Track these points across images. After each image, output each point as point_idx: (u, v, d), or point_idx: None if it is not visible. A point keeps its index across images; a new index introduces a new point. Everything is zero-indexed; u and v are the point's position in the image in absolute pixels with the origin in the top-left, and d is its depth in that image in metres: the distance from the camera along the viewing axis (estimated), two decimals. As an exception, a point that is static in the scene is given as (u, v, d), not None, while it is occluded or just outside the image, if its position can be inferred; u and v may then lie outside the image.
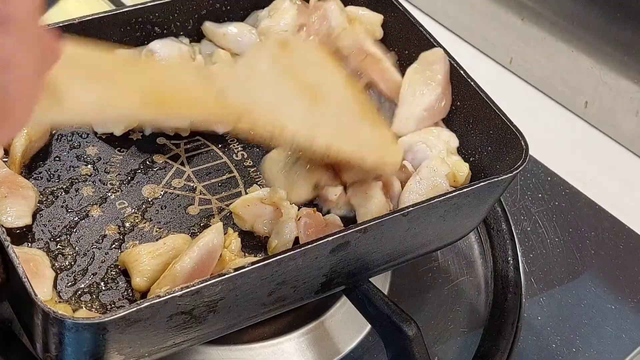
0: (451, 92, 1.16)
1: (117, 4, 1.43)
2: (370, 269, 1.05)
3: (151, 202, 1.10)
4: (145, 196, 1.11)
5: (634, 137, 1.43)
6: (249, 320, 1.00)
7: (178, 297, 0.87)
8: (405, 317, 1.03)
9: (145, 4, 1.18)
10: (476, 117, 1.14)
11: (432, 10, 1.61)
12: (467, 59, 1.20)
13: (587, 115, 1.48)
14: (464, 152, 1.16)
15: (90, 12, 1.15)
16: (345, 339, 1.13)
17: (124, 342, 0.89)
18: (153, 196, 1.11)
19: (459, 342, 1.15)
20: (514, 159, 1.06)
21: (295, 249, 0.94)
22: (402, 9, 1.22)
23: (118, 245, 1.04)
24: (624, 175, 1.42)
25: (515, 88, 1.53)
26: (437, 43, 1.18)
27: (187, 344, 0.95)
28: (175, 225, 1.08)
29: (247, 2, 1.25)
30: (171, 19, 1.20)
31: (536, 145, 1.13)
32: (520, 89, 1.53)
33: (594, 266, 1.26)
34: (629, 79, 1.40)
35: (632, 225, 1.31)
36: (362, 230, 0.97)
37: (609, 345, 1.17)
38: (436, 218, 1.04)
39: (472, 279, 1.22)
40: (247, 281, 0.92)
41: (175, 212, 1.10)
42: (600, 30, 1.41)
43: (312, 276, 0.98)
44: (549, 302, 1.21)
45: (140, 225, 1.07)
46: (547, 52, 1.49)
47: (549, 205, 1.32)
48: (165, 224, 1.08)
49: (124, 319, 0.85)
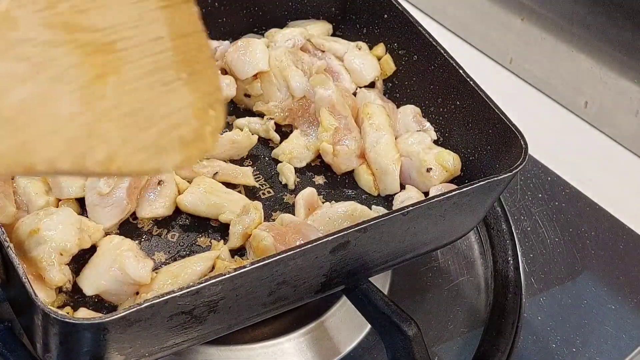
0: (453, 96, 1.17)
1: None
2: (370, 268, 1.05)
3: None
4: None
5: (634, 137, 1.43)
6: (250, 320, 1.01)
7: (178, 297, 0.87)
8: (405, 317, 1.03)
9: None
10: (476, 117, 1.14)
11: (432, 10, 1.61)
12: (467, 59, 1.20)
13: (587, 115, 1.48)
14: (463, 150, 1.16)
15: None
16: (345, 339, 1.13)
17: (124, 342, 0.89)
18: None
19: (459, 342, 1.15)
20: (514, 158, 1.06)
21: (295, 249, 0.94)
22: (401, 8, 1.22)
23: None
24: (624, 175, 1.42)
25: (515, 88, 1.53)
26: (436, 43, 1.18)
27: (187, 344, 0.95)
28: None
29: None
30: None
31: (536, 145, 1.13)
32: (520, 89, 1.53)
33: (594, 266, 1.26)
34: (629, 79, 1.40)
35: (632, 225, 1.31)
36: (362, 229, 0.96)
37: (609, 345, 1.17)
38: (436, 217, 1.04)
39: (472, 279, 1.22)
40: (247, 281, 0.92)
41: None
42: (600, 30, 1.41)
43: (312, 276, 0.98)
44: (549, 302, 1.21)
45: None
46: (547, 52, 1.49)
47: (549, 205, 1.32)
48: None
49: (124, 319, 0.85)
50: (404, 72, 1.25)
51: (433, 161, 1.14)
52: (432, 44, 1.18)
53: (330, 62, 1.25)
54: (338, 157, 1.16)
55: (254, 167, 1.16)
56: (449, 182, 1.15)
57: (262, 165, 1.17)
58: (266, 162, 1.18)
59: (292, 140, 1.18)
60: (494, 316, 1.15)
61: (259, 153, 1.18)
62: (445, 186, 1.12)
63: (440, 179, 1.14)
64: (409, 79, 1.24)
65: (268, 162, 1.18)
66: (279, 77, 1.20)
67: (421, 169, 1.14)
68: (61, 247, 0.97)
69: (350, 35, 1.30)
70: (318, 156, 1.18)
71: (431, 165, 1.14)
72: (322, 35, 1.28)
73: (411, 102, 1.23)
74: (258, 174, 1.16)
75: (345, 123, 1.17)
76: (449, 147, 1.17)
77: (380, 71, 1.26)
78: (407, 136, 1.18)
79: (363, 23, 1.28)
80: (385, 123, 1.17)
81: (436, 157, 1.14)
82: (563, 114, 1.50)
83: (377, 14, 1.26)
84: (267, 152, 1.19)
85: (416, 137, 1.17)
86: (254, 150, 1.17)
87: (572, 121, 1.49)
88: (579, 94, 1.48)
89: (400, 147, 1.16)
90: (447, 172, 1.14)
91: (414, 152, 1.15)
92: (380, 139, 1.16)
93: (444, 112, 1.19)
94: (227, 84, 1.20)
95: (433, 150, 1.16)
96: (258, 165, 1.17)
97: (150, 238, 1.07)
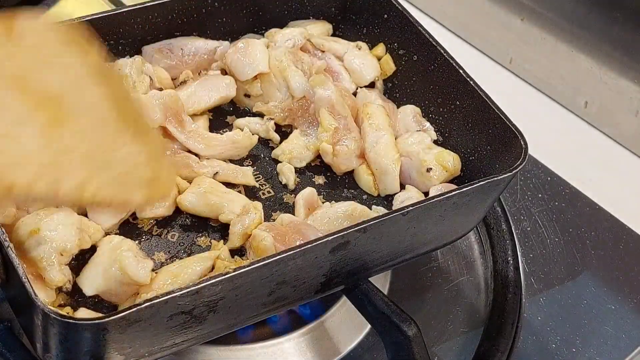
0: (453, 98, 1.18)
1: (117, 4, 1.43)
2: (370, 268, 1.05)
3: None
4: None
5: (634, 137, 1.43)
6: (250, 320, 1.01)
7: (178, 297, 0.87)
8: (405, 317, 1.03)
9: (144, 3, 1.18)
10: (475, 117, 1.14)
11: (432, 10, 1.61)
12: (467, 59, 1.20)
13: (587, 115, 1.48)
14: (463, 151, 1.16)
15: (90, 12, 1.16)
16: (345, 339, 1.13)
17: (124, 342, 0.89)
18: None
19: (459, 342, 1.15)
20: (514, 159, 1.06)
21: (295, 249, 0.94)
22: (401, 8, 1.22)
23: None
24: (624, 175, 1.42)
25: (515, 88, 1.53)
26: (436, 43, 1.18)
27: (187, 343, 0.95)
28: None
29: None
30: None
31: (536, 145, 1.13)
32: (520, 89, 1.53)
33: (594, 266, 1.26)
34: (629, 79, 1.40)
35: (632, 225, 1.31)
36: (361, 229, 0.96)
37: (609, 345, 1.17)
38: (436, 217, 1.04)
39: (472, 279, 1.22)
40: (247, 281, 0.92)
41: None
42: (600, 30, 1.41)
43: (312, 276, 0.98)
44: (549, 302, 1.21)
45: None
46: (547, 52, 1.49)
47: (549, 205, 1.32)
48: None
49: (124, 319, 0.85)
50: (404, 72, 1.24)
51: (433, 161, 1.14)
52: (432, 44, 1.18)
53: (330, 62, 1.25)
54: (338, 157, 1.16)
55: (254, 167, 1.16)
56: (449, 182, 1.15)
57: (262, 165, 1.17)
58: (266, 162, 1.18)
59: (292, 140, 1.18)
60: (494, 316, 1.15)
61: (259, 153, 1.18)
62: (445, 186, 1.12)
63: (440, 179, 1.14)
64: (409, 79, 1.24)
65: (268, 162, 1.18)
66: (278, 78, 1.20)
67: (421, 169, 1.14)
68: (61, 247, 0.97)
69: (350, 35, 1.30)
70: (318, 156, 1.18)
71: (431, 165, 1.14)
72: (322, 35, 1.28)
73: (411, 102, 1.23)
74: (258, 174, 1.16)
75: (345, 123, 1.17)
76: (449, 147, 1.17)
77: (380, 71, 1.26)
78: (407, 136, 1.18)
79: (363, 23, 1.28)
80: (385, 123, 1.17)
81: (436, 157, 1.14)
82: (563, 114, 1.50)
83: (377, 14, 1.26)
84: (267, 152, 1.19)
85: (416, 137, 1.17)
86: (254, 150, 1.17)
87: (572, 121, 1.49)
88: (579, 94, 1.48)
89: (400, 147, 1.16)
90: (447, 172, 1.14)
91: (413, 152, 1.15)
92: (380, 139, 1.16)
93: (444, 112, 1.19)
94: (226, 84, 1.20)
95: (433, 150, 1.16)
96: (258, 165, 1.17)
97: (150, 238, 1.07)
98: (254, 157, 1.18)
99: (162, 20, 1.20)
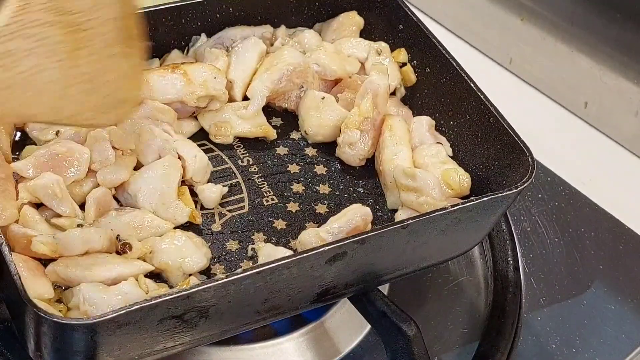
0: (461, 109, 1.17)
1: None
2: (369, 281, 1.04)
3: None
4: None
5: (634, 137, 1.43)
6: (243, 327, 1.00)
7: (168, 301, 0.87)
8: (405, 317, 1.03)
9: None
10: (485, 131, 1.13)
11: (432, 11, 1.61)
12: (467, 59, 1.20)
13: (587, 116, 1.48)
14: (471, 165, 1.14)
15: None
16: (345, 339, 1.13)
17: (113, 345, 0.88)
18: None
19: (459, 342, 1.15)
20: (520, 175, 1.05)
21: (289, 258, 0.93)
22: (416, 19, 1.22)
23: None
24: (624, 175, 1.42)
25: (515, 88, 1.53)
26: (450, 55, 1.17)
27: (178, 348, 0.94)
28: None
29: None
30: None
31: (536, 145, 1.13)
32: (520, 89, 1.53)
33: (594, 266, 1.26)
34: (629, 79, 1.40)
35: (632, 225, 1.31)
36: (359, 240, 0.95)
37: (609, 346, 1.17)
38: (437, 232, 1.02)
39: (472, 279, 1.22)
40: (240, 288, 0.91)
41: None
42: (600, 30, 1.41)
43: (308, 286, 0.97)
44: (548, 302, 1.21)
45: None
46: (547, 52, 1.49)
47: (549, 206, 1.32)
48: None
49: (113, 321, 0.85)
50: (416, 84, 1.23)
51: (439, 177, 1.12)
52: (446, 56, 1.17)
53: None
54: (351, 150, 1.15)
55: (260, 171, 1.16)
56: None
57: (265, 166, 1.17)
58: (268, 162, 1.17)
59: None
60: (494, 316, 1.15)
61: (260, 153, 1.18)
62: (450, 201, 1.09)
63: (445, 196, 1.10)
64: (421, 91, 1.23)
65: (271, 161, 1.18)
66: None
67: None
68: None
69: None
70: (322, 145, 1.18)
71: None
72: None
73: (423, 115, 1.21)
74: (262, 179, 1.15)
75: (374, 120, 1.16)
76: (458, 161, 1.15)
77: (401, 79, 1.24)
78: (424, 148, 1.16)
79: (378, 34, 1.27)
80: (405, 138, 1.15)
81: (442, 174, 1.11)
82: (563, 114, 1.50)
83: (393, 24, 1.25)
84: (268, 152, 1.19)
85: (433, 149, 1.15)
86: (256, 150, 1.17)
87: (572, 121, 1.49)
88: (579, 94, 1.48)
89: (415, 158, 1.15)
90: (451, 190, 1.11)
91: (425, 165, 1.13)
92: (398, 153, 1.14)
93: (454, 125, 1.18)
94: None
95: (445, 166, 1.13)
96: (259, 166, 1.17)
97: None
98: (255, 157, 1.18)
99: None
